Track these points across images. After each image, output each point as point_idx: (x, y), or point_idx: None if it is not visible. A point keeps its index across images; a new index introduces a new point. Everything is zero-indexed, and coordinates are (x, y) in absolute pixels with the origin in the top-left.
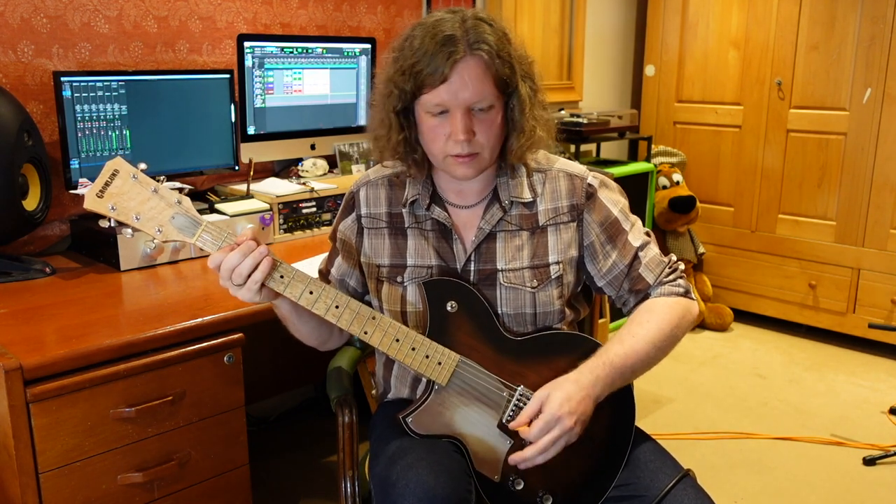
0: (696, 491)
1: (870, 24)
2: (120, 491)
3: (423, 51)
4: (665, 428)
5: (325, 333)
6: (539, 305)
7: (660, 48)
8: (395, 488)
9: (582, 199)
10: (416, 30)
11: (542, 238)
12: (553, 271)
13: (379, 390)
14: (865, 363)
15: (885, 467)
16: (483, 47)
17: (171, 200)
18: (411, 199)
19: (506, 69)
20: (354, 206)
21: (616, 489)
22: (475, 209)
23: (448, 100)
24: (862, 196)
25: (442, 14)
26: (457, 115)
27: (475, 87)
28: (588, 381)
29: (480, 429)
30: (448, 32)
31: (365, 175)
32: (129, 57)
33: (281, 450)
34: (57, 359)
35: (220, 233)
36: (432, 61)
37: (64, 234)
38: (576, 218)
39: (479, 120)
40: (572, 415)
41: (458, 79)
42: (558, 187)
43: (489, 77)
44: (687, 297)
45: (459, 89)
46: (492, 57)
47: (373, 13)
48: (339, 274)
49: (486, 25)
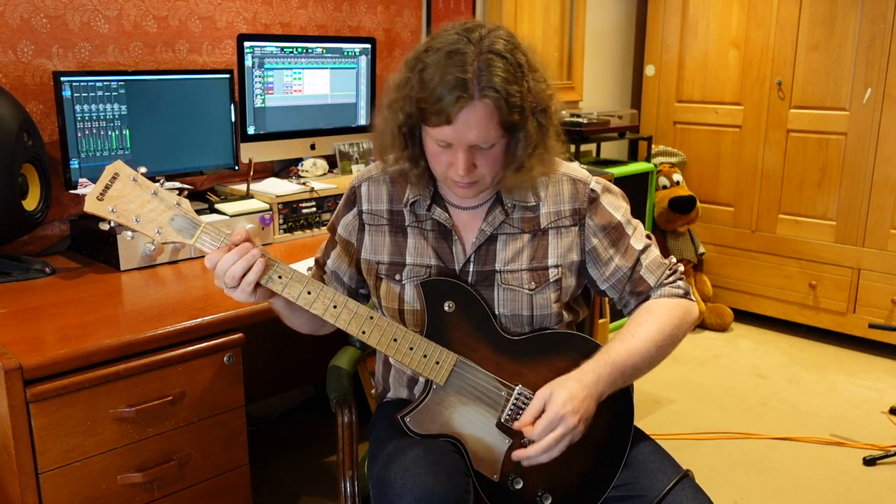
0: (696, 491)
1: (870, 25)
2: (120, 491)
3: (431, 86)
4: (665, 428)
5: (318, 322)
6: (536, 308)
7: (660, 48)
8: (393, 488)
9: (584, 203)
10: (429, 55)
11: (543, 241)
12: (552, 274)
13: (378, 389)
14: (865, 363)
15: (885, 467)
16: (491, 94)
17: (170, 202)
18: (412, 200)
19: (514, 114)
20: (356, 202)
21: (615, 489)
22: (477, 211)
23: (452, 138)
24: (862, 196)
25: (457, 38)
26: (459, 151)
27: (480, 131)
28: (590, 379)
29: (479, 428)
30: (459, 74)
31: (367, 170)
32: (128, 57)
33: (281, 450)
34: (57, 359)
35: (218, 234)
36: (439, 102)
37: (64, 234)
38: (577, 222)
39: (482, 155)
40: (576, 413)
41: (464, 122)
42: (561, 191)
43: (495, 121)
44: (687, 298)
45: (463, 131)
46: (499, 103)
47: (373, 13)
48: (333, 266)
49: (500, 60)
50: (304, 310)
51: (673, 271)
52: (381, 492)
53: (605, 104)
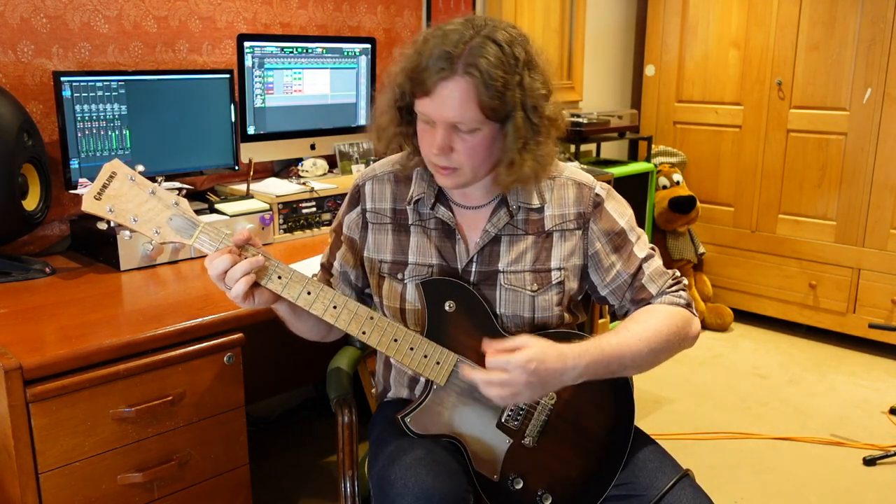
0: (695, 491)
1: (870, 25)
2: (120, 491)
3: (421, 59)
4: (665, 428)
5: (324, 329)
6: (538, 309)
7: (660, 48)
8: (394, 488)
9: (589, 207)
10: (428, 33)
11: (547, 243)
12: (554, 277)
13: (378, 389)
14: (865, 363)
15: (885, 467)
16: (473, 72)
17: (168, 202)
18: (416, 198)
19: (495, 99)
20: (360, 200)
21: (615, 488)
22: (481, 211)
23: (431, 113)
24: (862, 196)
25: (462, 23)
26: (438, 129)
27: (456, 108)
28: (572, 356)
29: (479, 428)
30: (448, 48)
31: (371, 168)
32: (128, 57)
33: (281, 450)
34: (57, 359)
35: (217, 234)
36: (423, 73)
37: (64, 234)
38: (582, 226)
39: (461, 139)
40: (532, 374)
41: (442, 96)
42: (566, 195)
43: (473, 101)
44: (689, 309)
45: (440, 107)
46: (479, 83)
47: (373, 13)
48: (341, 266)
49: (494, 46)
50: (309, 315)
51: (676, 281)
52: (382, 491)
53: (605, 104)
